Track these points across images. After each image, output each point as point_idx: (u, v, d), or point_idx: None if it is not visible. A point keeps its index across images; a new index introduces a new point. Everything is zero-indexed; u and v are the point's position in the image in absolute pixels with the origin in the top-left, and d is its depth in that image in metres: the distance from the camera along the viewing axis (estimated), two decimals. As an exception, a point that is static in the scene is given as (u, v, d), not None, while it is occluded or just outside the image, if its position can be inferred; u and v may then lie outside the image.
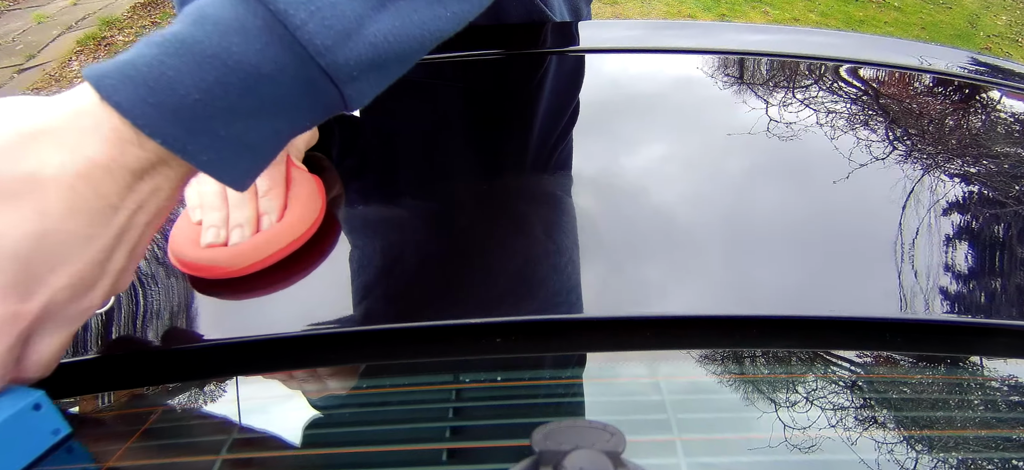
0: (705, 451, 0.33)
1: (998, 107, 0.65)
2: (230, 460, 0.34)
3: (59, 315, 0.32)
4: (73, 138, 0.30)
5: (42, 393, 0.32)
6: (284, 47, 0.30)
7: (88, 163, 0.30)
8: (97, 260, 0.32)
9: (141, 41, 0.30)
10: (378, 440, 0.35)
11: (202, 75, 0.30)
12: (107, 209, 0.31)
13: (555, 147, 0.57)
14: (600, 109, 0.61)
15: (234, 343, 0.40)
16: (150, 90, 0.29)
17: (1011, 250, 0.45)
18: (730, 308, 0.40)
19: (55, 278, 0.31)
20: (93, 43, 3.27)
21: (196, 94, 0.30)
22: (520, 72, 0.68)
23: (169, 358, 0.40)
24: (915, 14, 4.12)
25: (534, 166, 0.54)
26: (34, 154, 0.30)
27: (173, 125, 0.30)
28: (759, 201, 0.49)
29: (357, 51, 0.32)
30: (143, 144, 0.30)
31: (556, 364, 0.40)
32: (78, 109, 0.30)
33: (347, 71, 0.32)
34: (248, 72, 0.30)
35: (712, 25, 0.90)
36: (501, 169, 0.55)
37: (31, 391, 0.32)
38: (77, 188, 0.30)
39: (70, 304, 0.32)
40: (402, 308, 0.42)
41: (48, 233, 0.30)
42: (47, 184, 0.29)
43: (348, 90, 0.33)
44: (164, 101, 0.29)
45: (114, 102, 0.29)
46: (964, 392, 0.37)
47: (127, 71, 0.29)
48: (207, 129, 0.31)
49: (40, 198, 0.29)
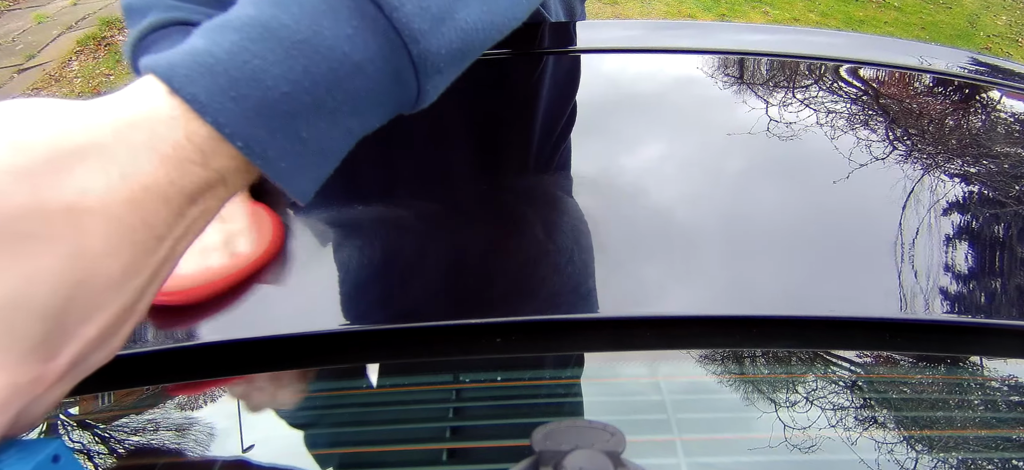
0: (705, 451, 0.33)
1: (998, 107, 0.65)
2: (230, 460, 0.34)
3: (79, 369, 0.26)
4: (123, 157, 0.24)
5: (60, 442, 0.27)
6: (376, 32, 0.26)
7: (140, 189, 0.24)
8: (131, 302, 0.26)
9: (206, 28, 0.26)
10: (378, 440, 0.35)
11: (290, 64, 0.25)
12: (152, 241, 0.25)
13: (555, 147, 0.57)
14: (601, 109, 0.61)
15: (234, 343, 0.40)
16: (232, 82, 0.24)
17: (1011, 250, 0.45)
18: (730, 308, 0.40)
19: (86, 329, 0.24)
20: (93, 43, 3.27)
21: (284, 86, 0.25)
22: (518, 72, 0.68)
23: (170, 358, 0.40)
24: (915, 14, 4.12)
25: (535, 166, 0.54)
26: (74, 179, 0.23)
27: (255, 125, 0.25)
28: (759, 201, 0.49)
29: (448, 39, 0.29)
30: (207, 162, 0.25)
31: (556, 364, 0.40)
32: (128, 120, 0.24)
33: (435, 62, 0.29)
34: (339, 61, 0.26)
35: (712, 25, 0.90)
36: (501, 169, 0.55)
37: (48, 441, 0.27)
38: (124, 219, 0.24)
39: (93, 354, 0.26)
40: (402, 308, 0.42)
41: (86, 280, 0.23)
42: (89, 217, 0.23)
43: (426, 86, 0.29)
44: (247, 95, 0.24)
45: (189, 94, 0.24)
46: (964, 392, 0.37)
47: (203, 59, 0.24)
48: (289, 130, 0.26)
49: (79, 236, 0.23)
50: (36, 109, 0.24)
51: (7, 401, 0.24)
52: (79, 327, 0.24)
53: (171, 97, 0.24)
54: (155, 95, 0.25)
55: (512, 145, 0.58)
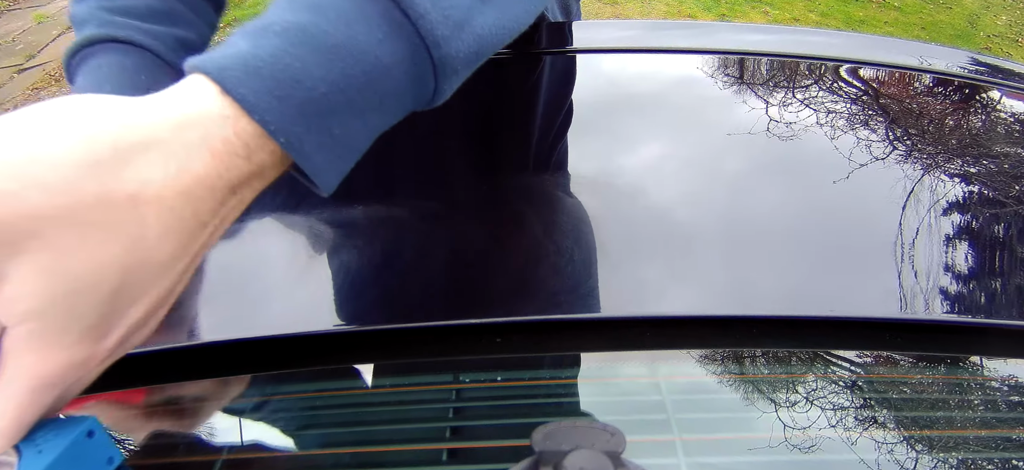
0: (705, 451, 0.33)
1: (998, 107, 0.65)
2: (230, 460, 0.34)
3: (121, 348, 0.28)
4: (181, 152, 0.25)
5: (94, 419, 0.28)
6: (403, 38, 0.29)
7: (193, 180, 0.26)
8: (173, 285, 0.28)
9: (246, 32, 0.28)
10: (378, 440, 0.35)
11: (329, 67, 0.27)
12: (198, 229, 0.27)
13: (553, 147, 0.57)
14: (601, 109, 0.61)
15: (234, 343, 0.40)
16: (277, 83, 0.26)
17: (1011, 250, 0.45)
18: (730, 308, 0.40)
19: (134, 311, 0.26)
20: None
21: (322, 87, 0.27)
22: (517, 72, 0.68)
23: (170, 358, 0.40)
24: (915, 14, 4.12)
25: (535, 166, 0.54)
26: (137, 171, 0.25)
27: (297, 123, 0.27)
28: (759, 201, 0.49)
29: (466, 43, 0.31)
30: (251, 157, 0.27)
31: (556, 364, 0.40)
32: (184, 117, 0.26)
33: (453, 65, 0.31)
34: (372, 64, 0.28)
35: (712, 25, 0.90)
36: (502, 170, 0.55)
37: (82, 417, 0.28)
38: (176, 208, 0.26)
39: (135, 335, 0.28)
40: (403, 308, 0.42)
41: (141, 264, 0.25)
42: (147, 207, 0.25)
43: (443, 86, 0.31)
44: (291, 95, 0.26)
45: (239, 95, 0.26)
46: (964, 392, 0.37)
47: (251, 62, 0.26)
48: (325, 127, 0.28)
49: (138, 224, 0.25)
50: (98, 105, 0.25)
51: (61, 378, 0.25)
52: (128, 308, 0.26)
53: (222, 97, 0.26)
54: (207, 95, 0.26)
55: (513, 145, 0.58)
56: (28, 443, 0.27)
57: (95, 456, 0.28)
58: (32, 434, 0.27)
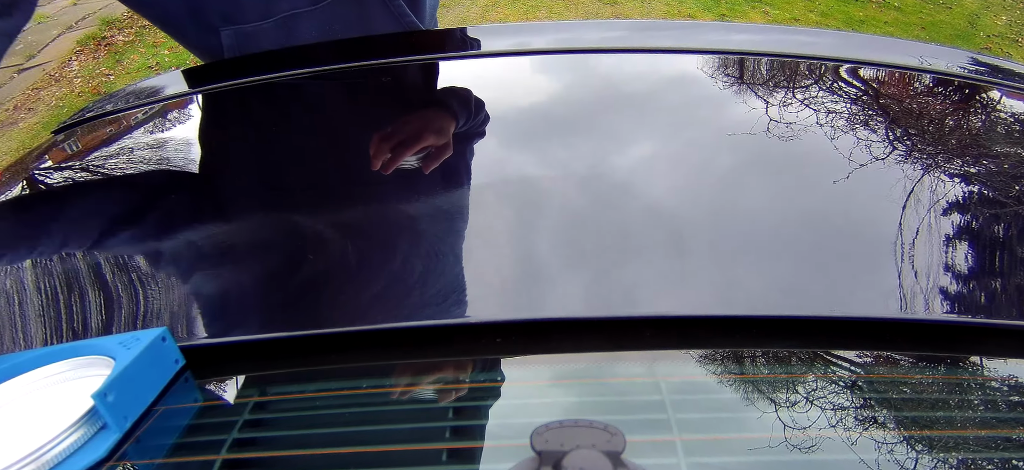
0: (705, 451, 0.33)
1: (998, 107, 0.65)
2: (230, 460, 0.34)
3: None
4: None
5: (165, 329, 0.37)
6: None
7: None
8: None
9: None
10: (378, 440, 0.35)
11: None
12: None
13: (551, 148, 0.57)
14: (601, 110, 0.61)
15: (233, 343, 0.40)
16: None
17: (1011, 250, 0.45)
18: (730, 308, 0.40)
19: None
20: (93, 43, 3.26)
21: None
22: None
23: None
24: (915, 14, 4.12)
25: (535, 166, 0.54)
26: None
27: None
28: (760, 201, 0.49)
29: None
30: None
31: (556, 364, 0.40)
32: None
33: None
34: None
35: (711, 25, 0.90)
36: (502, 170, 0.55)
37: (156, 329, 0.37)
38: None
39: None
40: (404, 308, 0.42)
41: None
42: None
43: None
44: None
45: None
46: (964, 392, 0.37)
47: None
48: None
49: None
50: None
51: None
52: None
53: None
54: None
55: (513, 146, 0.58)
56: (119, 344, 0.35)
57: (167, 356, 0.37)
58: (122, 338, 0.36)
